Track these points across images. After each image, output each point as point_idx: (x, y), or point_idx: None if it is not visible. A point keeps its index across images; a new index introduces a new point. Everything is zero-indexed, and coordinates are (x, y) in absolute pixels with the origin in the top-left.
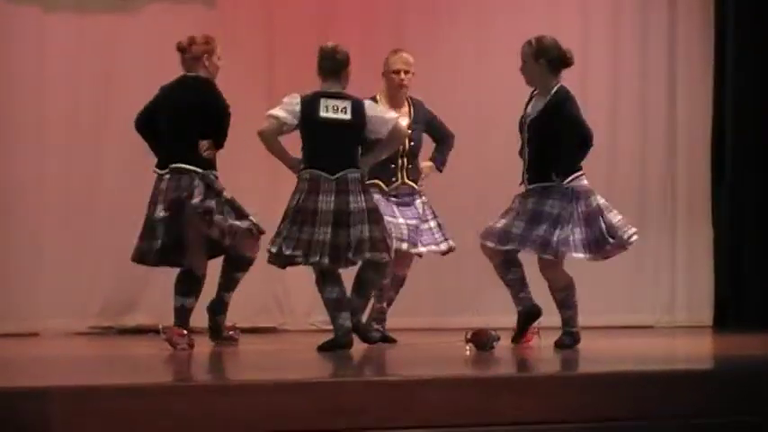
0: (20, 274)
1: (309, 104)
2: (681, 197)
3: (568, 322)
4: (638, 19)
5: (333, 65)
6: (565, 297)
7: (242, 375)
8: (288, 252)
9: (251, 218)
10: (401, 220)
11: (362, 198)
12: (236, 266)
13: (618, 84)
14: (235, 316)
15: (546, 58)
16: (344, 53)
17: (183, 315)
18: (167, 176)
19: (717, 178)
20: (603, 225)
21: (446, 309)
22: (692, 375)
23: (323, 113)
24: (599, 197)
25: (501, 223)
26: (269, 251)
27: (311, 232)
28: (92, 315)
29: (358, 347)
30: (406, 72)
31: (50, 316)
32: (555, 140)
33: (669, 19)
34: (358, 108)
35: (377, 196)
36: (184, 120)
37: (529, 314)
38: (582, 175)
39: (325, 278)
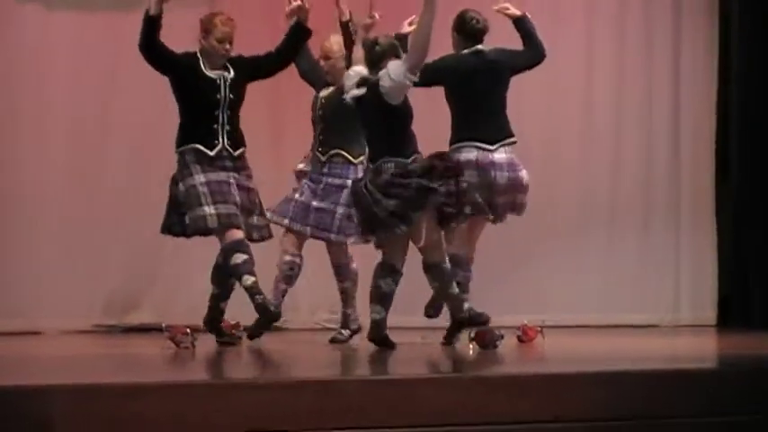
0: (22, 271)
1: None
2: (685, 196)
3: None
4: (643, 17)
5: (372, 56)
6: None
7: (243, 374)
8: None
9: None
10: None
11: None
12: None
13: (623, 82)
14: (238, 314)
15: (457, 31)
16: (384, 45)
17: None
18: None
19: (721, 177)
20: None
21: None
22: (696, 374)
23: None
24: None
25: None
26: None
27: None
28: (95, 313)
29: (361, 347)
30: (327, 58)
31: (53, 314)
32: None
33: (674, 17)
34: (375, 92)
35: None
36: None
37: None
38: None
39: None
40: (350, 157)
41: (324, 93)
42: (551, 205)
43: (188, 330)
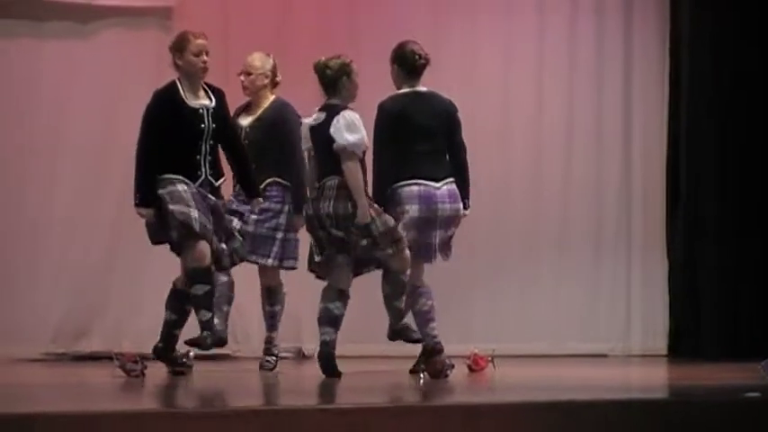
0: None
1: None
2: (636, 224)
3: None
4: (594, 43)
5: (324, 80)
6: None
7: (195, 403)
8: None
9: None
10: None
11: (331, 204)
12: None
13: (573, 110)
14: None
15: (398, 65)
16: (335, 67)
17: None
18: None
19: (672, 205)
20: None
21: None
22: (647, 405)
23: (310, 123)
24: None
25: None
26: None
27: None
28: (45, 341)
29: (314, 375)
30: (248, 74)
31: (2, 342)
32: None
33: (625, 43)
34: (327, 120)
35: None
36: None
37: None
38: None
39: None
40: (286, 183)
41: (245, 122)
42: (501, 234)
43: (138, 358)
